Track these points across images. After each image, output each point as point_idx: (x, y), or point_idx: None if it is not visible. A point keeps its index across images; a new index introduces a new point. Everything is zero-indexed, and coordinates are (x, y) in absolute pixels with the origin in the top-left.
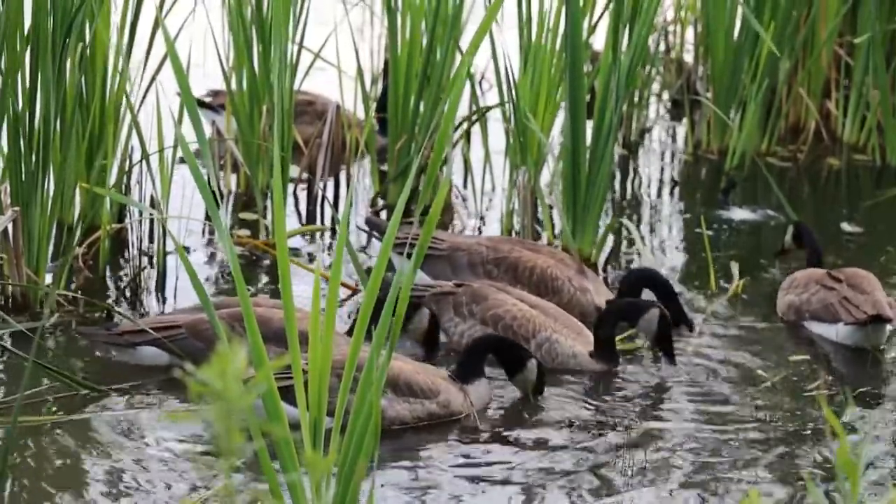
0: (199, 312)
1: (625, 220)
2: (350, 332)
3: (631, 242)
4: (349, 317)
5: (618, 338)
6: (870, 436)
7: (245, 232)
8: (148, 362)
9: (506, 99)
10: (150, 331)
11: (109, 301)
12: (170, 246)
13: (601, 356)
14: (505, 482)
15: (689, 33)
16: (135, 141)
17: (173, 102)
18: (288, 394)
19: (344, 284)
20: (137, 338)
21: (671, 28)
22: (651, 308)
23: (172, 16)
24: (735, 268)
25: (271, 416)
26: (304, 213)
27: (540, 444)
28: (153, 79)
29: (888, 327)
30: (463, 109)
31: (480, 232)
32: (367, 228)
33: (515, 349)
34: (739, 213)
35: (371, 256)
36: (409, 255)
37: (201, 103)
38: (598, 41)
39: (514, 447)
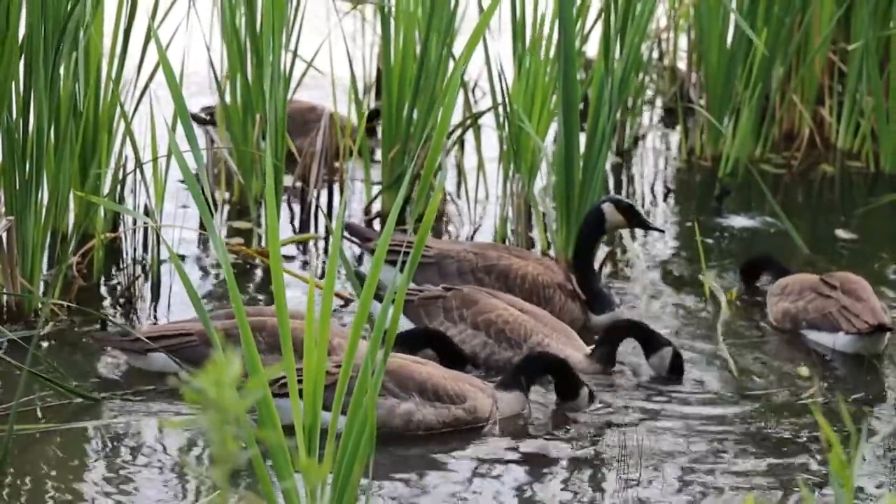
0: (214, 320)
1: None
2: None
3: (624, 250)
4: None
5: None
6: (864, 442)
7: (238, 240)
8: (158, 369)
9: (499, 100)
10: (162, 338)
11: (103, 310)
12: (164, 254)
13: (599, 358)
14: (502, 487)
15: (683, 40)
16: (129, 150)
17: (167, 111)
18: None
19: (336, 294)
20: (150, 344)
21: (664, 35)
22: (665, 346)
23: (165, 24)
24: (721, 294)
25: (265, 422)
26: (297, 221)
27: (536, 450)
28: (146, 87)
29: (887, 335)
30: (456, 118)
31: (473, 239)
32: (346, 235)
33: (570, 376)
34: (737, 221)
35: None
36: (394, 263)
37: (201, 119)
38: (592, 49)
39: (510, 453)
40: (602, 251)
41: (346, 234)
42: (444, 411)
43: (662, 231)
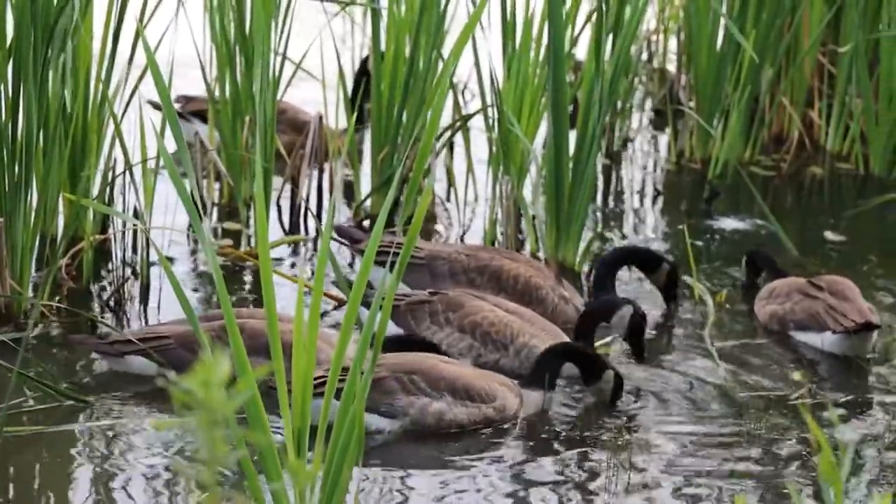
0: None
1: (609, 234)
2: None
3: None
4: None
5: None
6: (853, 444)
7: (227, 241)
8: (136, 372)
9: (489, 103)
10: (139, 341)
11: (93, 312)
12: (153, 256)
13: None
14: (491, 489)
15: (672, 43)
16: (118, 152)
17: (156, 112)
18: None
19: (328, 295)
20: (126, 347)
21: (654, 38)
22: (624, 305)
23: (155, 25)
24: (708, 297)
25: (254, 424)
26: (287, 222)
27: (527, 452)
28: (135, 89)
29: (874, 335)
30: (446, 120)
31: (463, 242)
32: (336, 236)
33: (592, 359)
34: (727, 223)
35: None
36: (382, 264)
37: (180, 114)
38: (581, 51)
39: (499, 459)
40: (591, 255)
41: (336, 235)
42: (475, 410)
43: (677, 305)
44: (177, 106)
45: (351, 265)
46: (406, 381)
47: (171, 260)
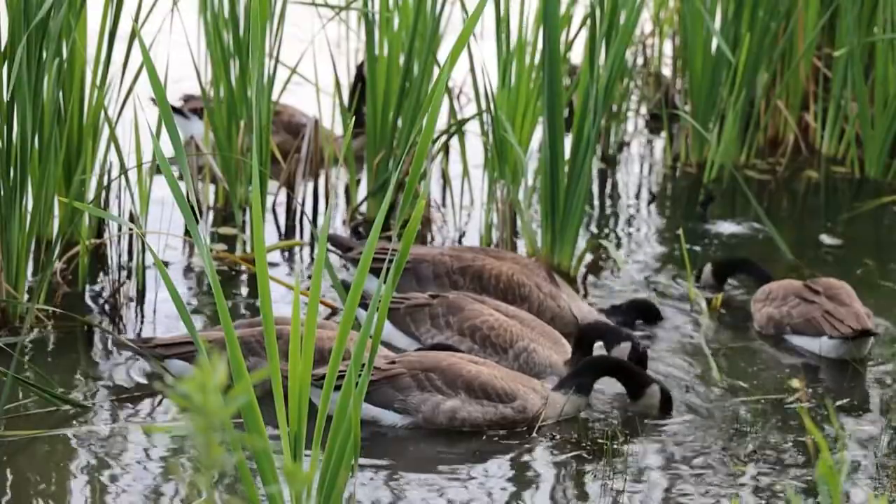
0: (236, 328)
1: (605, 242)
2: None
3: (609, 257)
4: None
5: None
6: (850, 446)
7: (222, 246)
8: (176, 375)
9: (484, 108)
10: (179, 345)
11: (89, 316)
12: (149, 261)
13: (574, 364)
14: (483, 494)
15: (667, 47)
16: (113, 156)
17: (151, 116)
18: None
19: (323, 302)
20: (168, 350)
21: (649, 41)
22: (625, 340)
23: (149, 29)
24: (703, 301)
25: (251, 428)
26: (283, 227)
27: (519, 456)
28: (130, 91)
29: (871, 340)
30: (441, 125)
31: (460, 244)
32: (328, 245)
33: (636, 374)
34: (722, 227)
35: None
36: (375, 272)
37: (179, 111)
38: (576, 55)
39: (493, 460)
40: (587, 258)
41: (327, 244)
42: (491, 409)
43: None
44: (178, 103)
45: (346, 267)
46: (422, 379)
47: (166, 264)
